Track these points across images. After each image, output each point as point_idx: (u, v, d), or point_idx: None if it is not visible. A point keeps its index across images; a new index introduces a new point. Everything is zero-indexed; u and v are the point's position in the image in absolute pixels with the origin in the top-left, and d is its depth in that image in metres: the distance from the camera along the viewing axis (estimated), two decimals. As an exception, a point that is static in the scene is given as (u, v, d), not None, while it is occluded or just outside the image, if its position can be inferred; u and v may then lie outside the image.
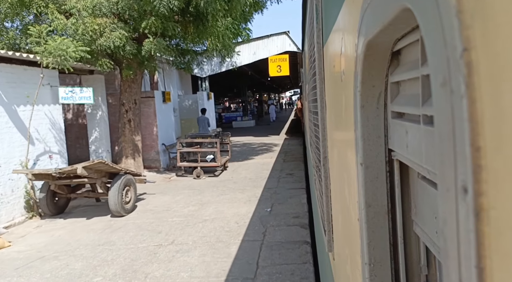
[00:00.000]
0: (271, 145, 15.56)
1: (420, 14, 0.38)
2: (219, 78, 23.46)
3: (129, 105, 9.68)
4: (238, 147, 15.43)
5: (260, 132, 21.25)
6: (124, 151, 9.75)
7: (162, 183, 9.40)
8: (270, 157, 12.44)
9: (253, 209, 6.59)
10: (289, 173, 9.62)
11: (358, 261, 0.89)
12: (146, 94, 10.87)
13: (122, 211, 6.47)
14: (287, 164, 10.98)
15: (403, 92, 0.69)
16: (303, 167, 10.22)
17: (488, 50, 0.27)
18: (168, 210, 6.91)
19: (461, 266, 0.31)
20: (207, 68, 15.96)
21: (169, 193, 8.21)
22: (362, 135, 0.78)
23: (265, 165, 10.97)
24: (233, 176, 9.75)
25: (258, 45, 17.02)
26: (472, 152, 0.28)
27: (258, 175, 9.64)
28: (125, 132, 9.68)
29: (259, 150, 14.26)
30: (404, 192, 0.75)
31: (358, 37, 0.75)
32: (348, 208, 1.07)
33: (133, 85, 9.67)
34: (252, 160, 12.13)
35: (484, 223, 0.28)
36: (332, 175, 1.61)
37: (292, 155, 12.70)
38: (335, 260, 1.68)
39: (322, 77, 1.79)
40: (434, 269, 0.69)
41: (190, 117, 15.11)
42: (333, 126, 1.47)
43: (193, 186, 8.77)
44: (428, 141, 0.50)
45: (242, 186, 8.46)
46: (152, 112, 10.88)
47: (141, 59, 8.71)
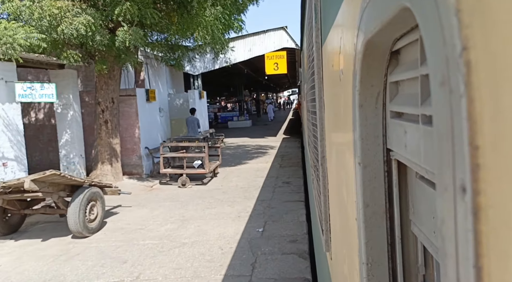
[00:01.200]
0: (267, 148, 14.44)
1: (419, 13, 0.38)
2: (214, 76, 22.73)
3: (105, 104, 8.61)
4: (232, 149, 14.48)
5: (256, 133, 20.20)
6: (100, 156, 8.69)
7: (142, 193, 8.20)
8: (266, 162, 11.39)
9: (242, 229, 5.57)
10: (286, 182, 8.57)
11: (355, 261, 0.90)
12: (126, 92, 9.68)
13: (85, 231, 5.34)
14: (284, 170, 9.98)
15: (402, 91, 0.69)
16: (301, 174, 9.27)
17: (487, 49, 0.27)
18: (142, 228, 5.81)
19: (459, 266, 0.30)
20: (199, 65, 15.07)
21: (148, 205, 7.11)
22: (361, 134, 0.78)
23: (259, 171, 9.89)
24: (223, 184, 8.66)
25: (254, 41, 15.94)
26: (470, 151, 0.28)
27: (251, 183, 8.57)
28: (101, 134, 8.66)
29: (254, 154, 13.17)
30: (402, 192, 0.75)
31: (357, 37, 0.75)
32: (346, 208, 1.07)
33: (110, 82, 8.58)
34: (245, 165, 11.05)
35: (482, 222, 0.28)
36: (330, 174, 1.62)
37: (290, 159, 11.66)
38: (333, 260, 1.68)
39: (320, 76, 1.79)
40: (431, 269, 0.69)
41: (181, 117, 14.21)
42: (331, 126, 1.47)
43: (177, 197, 7.66)
44: (427, 141, 0.50)
45: (232, 198, 7.39)
46: (133, 112, 9.69)
47: (117, 52, 7.60)
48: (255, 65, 20.83)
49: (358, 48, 0.74)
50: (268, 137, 18.11)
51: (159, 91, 13.40)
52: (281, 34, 16.25)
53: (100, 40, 6.89)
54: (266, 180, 8.84)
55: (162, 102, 13.37)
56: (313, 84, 2.17)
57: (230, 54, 12.78)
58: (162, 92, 13.65)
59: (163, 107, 13.53)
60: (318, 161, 2.02)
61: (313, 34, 1.87)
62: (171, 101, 14.59)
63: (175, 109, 14.37)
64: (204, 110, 15.58)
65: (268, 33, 16.10)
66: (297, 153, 12.83)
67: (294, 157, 12.01)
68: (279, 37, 16.23)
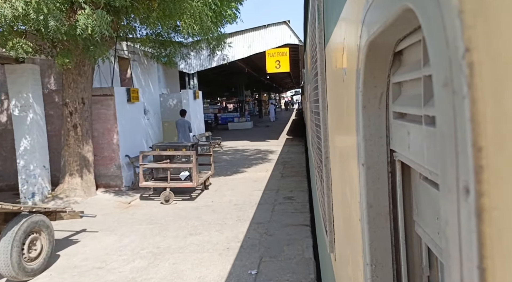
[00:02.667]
0: (268, 153, 13.02)
1: (422, 15, 0.38)
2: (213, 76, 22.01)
3: (74, 106, 7.29)
4: (229, 154, 13.11)
5: (257, 135, 18.96)
6: (68, 167, 7.34)
7: (116, 211, 6.78)
8: (265, 170, 9.98)
9: (229, 268, 4.28)
10: (288, 197, 7.22)
11: (359, 262, 0.89)
12: (102, 91, 8.22)
13: (21, 275, 4.03)
14: (286, 181, 8.58)
15: (405, 92, 0.69)
16: (306, 185, 7.92)
17: (490, 50, 0.27)
18: (102, 267, 4.48)
19: (463, 267, 0.30)
20: (195, 63, 13.96)
21: (118, 230, 5.73)
22: (364, 135, 0.78)
23: (257, 182, 8.51)
24: (214, 199, 7.33)
25: (253, 37, 14.49)
26: (473, 152, 0.28)
27: (246, 198, 7.23)
28: (69, 141, 7.33)
29: (253, 160, 11.83)
30: (405, 192, 0.75)
31: (360, 38, 0.75)
32: (350, 209, 1.07)
33: (79, 79, 7.27)
34: (242, 174, 9.65)
35: (486, 224, 0.28)
36: (334, 175, 1.61)
37: (292, 167, 10.26)
38: (337, 261, 1.68)
39: (324, 77, 1.79)
40: (436, 270, 0.69)
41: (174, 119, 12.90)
42: (334, 127, 1.47)
43: (156, 218, 6.32)
44: (430, 142, 0.50)
45: (222, 219, 6.09)
46: (111, 115, 8.23)
47: (83, 43, 6.26)
48: (256, 63, 20.01)
49: (361, 48, 0.74)
50: (270, 140, 16.87)
51: (150, 91, 12.52)
52: (283, 29, 14.69)
53: (55, 26, 5.33)
54: (265, 194, 7.47)
55: (153, 103, 12.58)
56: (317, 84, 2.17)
57: (228, 50, 11.96)
58: (153, 92, 12.75)
59: (155, 108, 12.68)
60: (321, 162, 2.02)
61: (316, 35, 1.87)
62: (163, 101, 13.46)
63: (168, 111, 13.28)
64: (199, 111, 14.24)
65: (269, 28, 14.63)
66: (300, 159, 11.50)
67: (297, 164, 10.62)
68: (281, 32, 14.70)
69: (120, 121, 8.42)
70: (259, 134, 19.74)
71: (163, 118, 13.27)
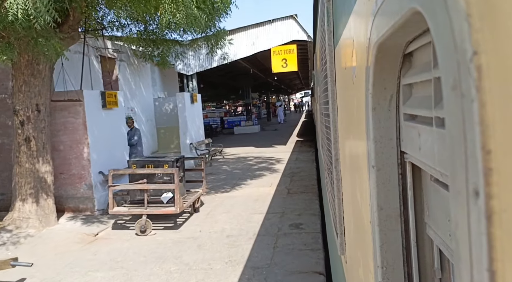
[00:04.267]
0: (274, 162, 11.59)
1: (430, 18, 0.38)
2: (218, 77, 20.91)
3: (26, 114, 5.89)
4: (231, 164, 11.77)
5: (264, 140, 17.81)
6: (19, 190, 5.93)
7: (75, 248, 5.28)
8: (269, 184, 8.45)
9: None
10: (295, 224, 5.70)
11: (370, 264, 0.89)
12: (68, 95, 6.54)
13: None
14: (293, 200, 7.10)
15: (415, 94, 0.69)
16: (317, 207, 6.46)
17: (498, 53, 0.27)
18: None
19: (473, 269, 0.31)
20: (194, 64, 12.70)
21: (67, 280, 4.32)
22: (374, 137, 0.78)
23: (259, 202, 7.06)
24: (203, 228, 5.82)
25: (257, 33, 13.03)
26: (483, 155, 0.28)
27: (243, 226, 5.75)
28: (20, 158, 5.94)
29: (257, 170, 10.35)
30: (416, 194, 0.75)
31: (369, 40, 0.75)
32: (360, 211, 1.06)
33: (33, 81, 5.91)
34: (242, 190, 8.13)
35: (496, 226, 0.28)
36: (344, 177, 1.61)
37: (301, 180, 8.63)
38: (348, 263, 1.67)
39: (333, 79, 1.79)
40: (448, 273, 0.68)
41: (171, 124, 11.88)
42: (344, 128, 1.47)
43: (123, 259, 4.82)
44: (441, 144, 0.50)
45: (208, 260, 4.61)
46: (80, 124, 6.76)
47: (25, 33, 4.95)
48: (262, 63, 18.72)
49: (371, 50, 0.74)
50: (277, 145, 15.49)
51: (141, 95, 11.40)
52: (290, 24, 13.09)
53: None
54: (267, 220, 5.99)
55: (146, 108, 11.52)
56: (326, 87, 2.16)
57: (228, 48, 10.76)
58: (145, 95, 11.61)
59: (148, 114, 11.60)
60: (332, 164, 2.01)
61: (326, 37, 1.87)
62: (159, 106, 12.22)
63: (164, 116, 12.12)
64: (198, 116, 12.61)
65: (274, 23, 13.06)
66: (310, 169, 9.84)
67: (307, 177, 8.91)
68: (288, 27, 13.10)
69: (92, 131, 6.85)
70: (266, 138, 18.60)
71: (158, 125, 12.16)
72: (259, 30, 13.14)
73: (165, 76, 13.49)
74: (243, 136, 20.68)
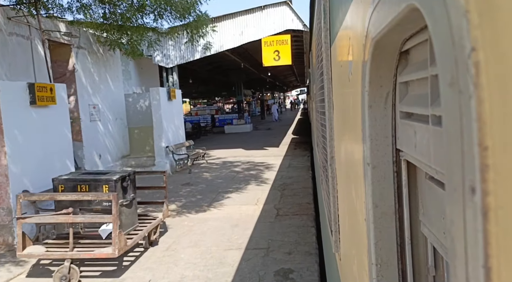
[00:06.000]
0: (263, 169, 10.05)
1: (428, 14, 0.38)
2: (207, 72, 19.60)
3: None
4: (213, 170, 10.19)
5: (255, 141, 16.46)
6: None
7: None
8: (255, 201, 6.85)
9: None
10: (283, 271, 4.00)
11: (365, 262, 0.89)
12: None
13: None
14: (283, 226, 5.45)
15: (411, 92, 0.69)
16: (314, 241, 4.84)
17: (496, 50, 0.27)
18: None
19: (469, 266, 0.31)
20: (174, 55, 11.30)
21: None
22: (370, 135, 0.78)
23: (238, 229, 5.38)
24: (154, 273, 4.11)
25: (246, 21, 11.51)
26: (479, 151, 0.28)
27: (211, 273, 4.06)
28: None
29: (242, 180, 8.70)
30: (411, 192, 0.75)
31: (366, 37, 0.75)
32: (355, 209, 1.07)
33: None
34: (220, 210, 6.45)
35: (492, 223, 0.28)
36: (339, 175, 1.61)
37: (294, 195, 7.12)
38: (342, 261, 1.67)
39: (329, 77, 1.79)
40: (442, 270, 0.69)
41: (145, 124, 10.36)
42: (340, 126, 1.47)
43: None
44: (437, 141, 0.50)
45: None
46: None
47: None
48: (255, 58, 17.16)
49: (367, 48, 0.74)
50: (269, 147, 14.04)
51: (108, 89, 9.56)
52: (283, 11, 11.62)
53: None
54: (244, 262, 4.27)
55: (115, 105, 9.90)
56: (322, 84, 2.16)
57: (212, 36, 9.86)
58: (114, 90, 9.91)
59: (117, 112, 9.96)
60: (327, 162, 2.02)
61: (322, 35, 1.86)
62: (133, 103, 10.68)
63: (139, 115, 10.68)
64: (177, 115, 11.12)
65: (266, 10, 11.57)
66: (305, 180, 8.37)
67: (300, 191, 7.43)
68: (281, 15, 11.63)
69: (12, 136, 5.02)
70: (258, 139, 17.29)
71: (130, 124, 10.66)
72: (248, 17, 11.57)
73: (142, 69, 11.90)
74: (233, 136, 19.39)
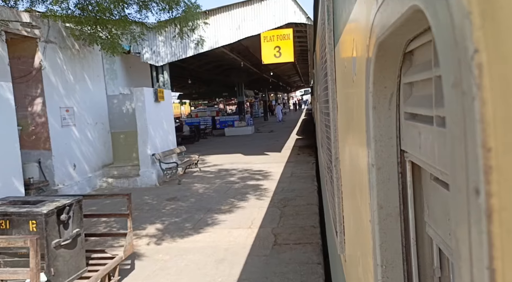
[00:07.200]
0: (262, 178, 8.83)
1: (431, 15, 0.38)
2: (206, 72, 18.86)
3: None
4: (206, 180, 8.95)
5: (256, 144, 15.41)
6: None
7: None
8: (249, 223, 5.60)
9: None
10: None
11: (370, 263, 0.89)
12: None
13: None
14: (281, 263, 4.19)
15: (416, 93, 0.69)
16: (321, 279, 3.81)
17: (499, 51, 0.27)
18: None
19: (473, 268, 0.30)
20: (164, 52, 10.17)
21: None
22: (374, 136, 0.77)
23: (224, 266, 4.22)
24: None
25: (244, 15, 10.28)
26: (483, 153, 0.28)
27: None
28: None
29: (237, 194, 7.45)
30: (416, 193, 0.75)
31: (369, 38, 0.75)
32: (360, 210, 1.06)
33: None
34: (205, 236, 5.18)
35: (496, 225, 0.28)
36: (344, 176, 1.61)
37: (297, 215, 5.85)
38: (347, 262, 1.67)
39: (333, 78, 1.79)
40: (447, 272, 0.68)
41: (131, 129, 9.16)
42: (344, 127, 1.47)
43: None
44: (441, 142, 0.50)
45: None
46: None
47: None
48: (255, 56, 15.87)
49: (371, 49, 0.74)
50: (270, 152, 12.80)
51: (86, 90, 8.59)
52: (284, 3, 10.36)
53: None
54: None
55: (96, 107, 8.90)
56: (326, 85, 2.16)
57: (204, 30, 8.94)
58: (93, 91, 8.92)
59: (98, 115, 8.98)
60: (331, 163, 2.01)
61: (326, 36, 1.86)
62: (117, 105, 9.55)
63: (124, 118, 9.57)
64: (166, 118, 10.08)
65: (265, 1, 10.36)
66: (310, 193, 7.11)
67: (304, 208, 6.14)
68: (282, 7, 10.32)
69: None
70: (259, 142, 16.11)
71: (114, 129, 9.54)
72: (246, 10, 10.30)
73: (130, 68, 10.66)
74: (234, 139, 18.26)
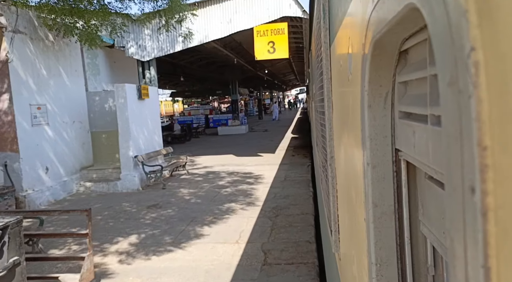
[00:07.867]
0: (254, 182, 8.22)
1: (427, 13, 0.38)
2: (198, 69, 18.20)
3: None
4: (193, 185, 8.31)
5: (249, 144, 14.77)
6: None
7: None
8: (237, 237, 4.98)
9: None
10: None
11: (364, 261, 0.89)
12: None
13: None
14: None
15: (410, 92, 0.69)
16: None
17: (496, 49, 0.27)
18: None
19: (468, 266, 0.30)
20: (151, 46, 9.56)
21: None
22: (369, 135, 0.78)
23: None
24: None
25: (235, 7, 9.63)
26: (479, 151, 0.28)
27: None
28: None
29: (225, 202, 6.75)
30: (411, 192, 0.75)
31: (365, 37, 0.75)
32: (355, 208, 1.07)
33: None
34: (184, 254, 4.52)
35: (491, 223, 0.28)
36: (339, 175, 1.61)
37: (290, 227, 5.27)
38: (342, 260, 1.67)
39: (329, 76, 1.79)
40: (441, 270, 0.69)
41: (114, 128, 8.45)
42: (340, 126, 1.47)
43: None
44: (436, 141, 0.50)
45: None
46: None
47: None
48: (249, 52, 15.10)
49: (366, 48, 0.74)
50: (263, 153, 12.12)
51: (62, 85, 7.88)
52: None
53: None
54: None
55: (73, 105, 8.22)
56: (322, 84, 2.16)
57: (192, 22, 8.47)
58: (70, 87, 8.18)
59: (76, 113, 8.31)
60: (326, 161, 2.02)
61: (321, 34, 1.86)
62: (99, 102, 8.94)
63: (106, 116, 8.94)
64: (152, 117, 9.45)
65: None
66: (305, 200, 6.52)
67: (298, 219, 5.56)
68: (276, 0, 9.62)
69: None
70: (253, 142, 15.42)
71: (95, 128, 8.91)
72: (238, 2, 9.69)
73: (115, 63, 9.98)
74: (227, 138, 17.59)
